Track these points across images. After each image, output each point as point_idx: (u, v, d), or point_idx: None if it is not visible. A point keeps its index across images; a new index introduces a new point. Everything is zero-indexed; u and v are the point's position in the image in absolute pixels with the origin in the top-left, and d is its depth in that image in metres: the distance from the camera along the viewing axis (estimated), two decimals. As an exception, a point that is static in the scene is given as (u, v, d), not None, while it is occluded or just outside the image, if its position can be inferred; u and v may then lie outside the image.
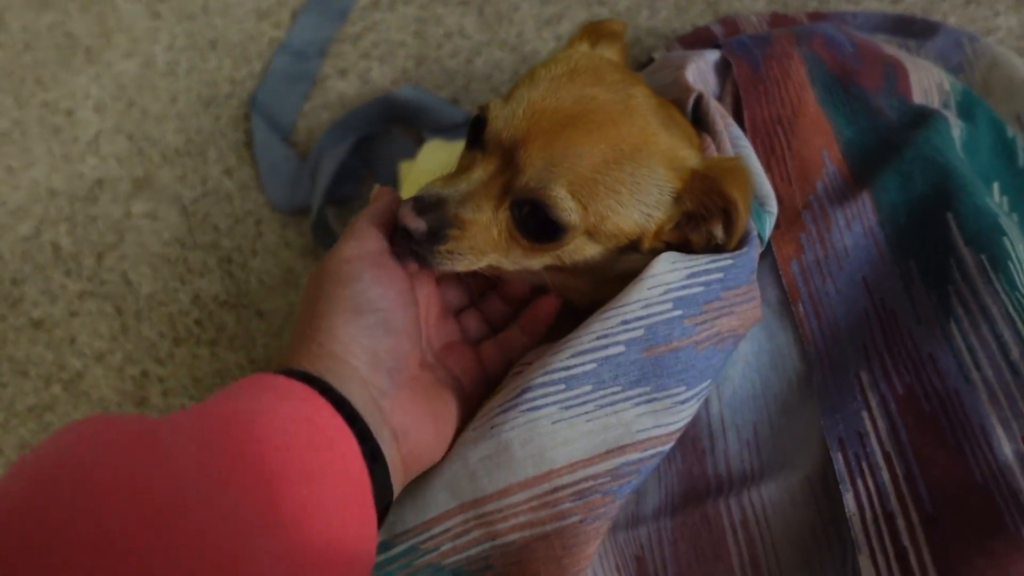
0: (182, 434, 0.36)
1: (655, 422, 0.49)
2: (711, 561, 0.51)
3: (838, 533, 0.49)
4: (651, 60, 0.92)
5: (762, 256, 0.59)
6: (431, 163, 0.85)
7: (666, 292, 0.49)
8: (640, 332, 0.48)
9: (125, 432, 0.35)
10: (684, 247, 0.53)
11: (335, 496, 0.38)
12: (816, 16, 0.90)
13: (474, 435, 0.49)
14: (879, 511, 0.47)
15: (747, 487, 0.52)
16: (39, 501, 0.31)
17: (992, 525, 0.43)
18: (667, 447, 0.51)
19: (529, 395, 0.48)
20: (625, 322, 0.49)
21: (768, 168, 0.61)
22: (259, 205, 0.98)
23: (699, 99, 0.60)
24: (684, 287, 0.49)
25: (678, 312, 0.49)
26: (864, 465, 0.48)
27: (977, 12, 1.00)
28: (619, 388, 0.48)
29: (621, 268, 0.52)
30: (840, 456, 0.49)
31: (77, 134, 1.06)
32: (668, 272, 0.49)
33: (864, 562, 0.45)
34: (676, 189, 0.50)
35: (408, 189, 0.86)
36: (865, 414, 0.50)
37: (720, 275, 0.50)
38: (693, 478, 0.54)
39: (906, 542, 0.45)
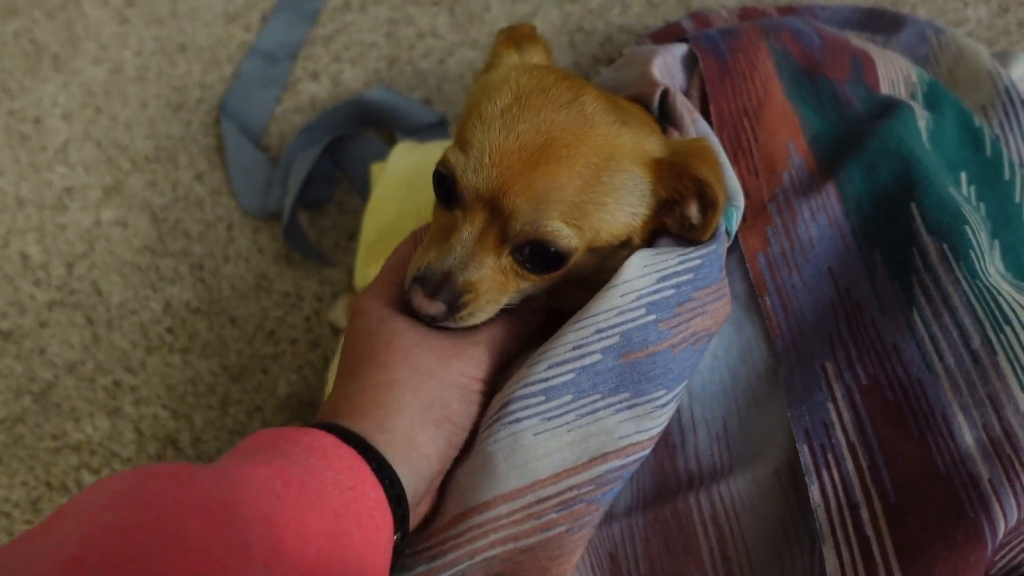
0: (245, 507, 0.34)
1: (636, 428, 0.49)
2: (682, 556, 0.51)
3: (806, 524, 0.49)
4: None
5: (729, 250, 0.59)
6: (403, 164, 0.85)
7: (638, 298, 0.49)
8: (615, 339, 0.48)
9: (197, 507, 0.32)
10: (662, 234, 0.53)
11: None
12: (786, 10, 0.91)
13: (464, 454, 0.49)
14: (844, 502, 0.46)
15: (716, 481, 0.52)
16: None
17: (953, 513, 0.43)
18: (647, 451, 0.50)
19: (510, 408, 0.48)
20: (600, 331, 0.48)
21: (735, 161, 0.61)
22: (231, 210, 0.97)
23: (665, 94, 0.60)
24: (655, 291, 0.49)
25: (652, 317, 0.49)
26: (829, 456, 0.48)
27: (947, 3, 1.00)
28: (599, 396, 0.48)
29: (613, 267, 0.52)
30: (806, 448, 0.49)
31: (45, 142, 1.04)
32: (639, 277, 0.49)
33: (828, 552, 0.45)
34: (651, 181, 0.50)
35: (380, 191, 0.85)
36: (831, 405, 0.50)
37: (690, 276, 0.50)
38: (664, 474, 0.54)
39: (869, 532, 0.45)
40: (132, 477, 0.33)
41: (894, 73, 0.68)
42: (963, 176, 0.63)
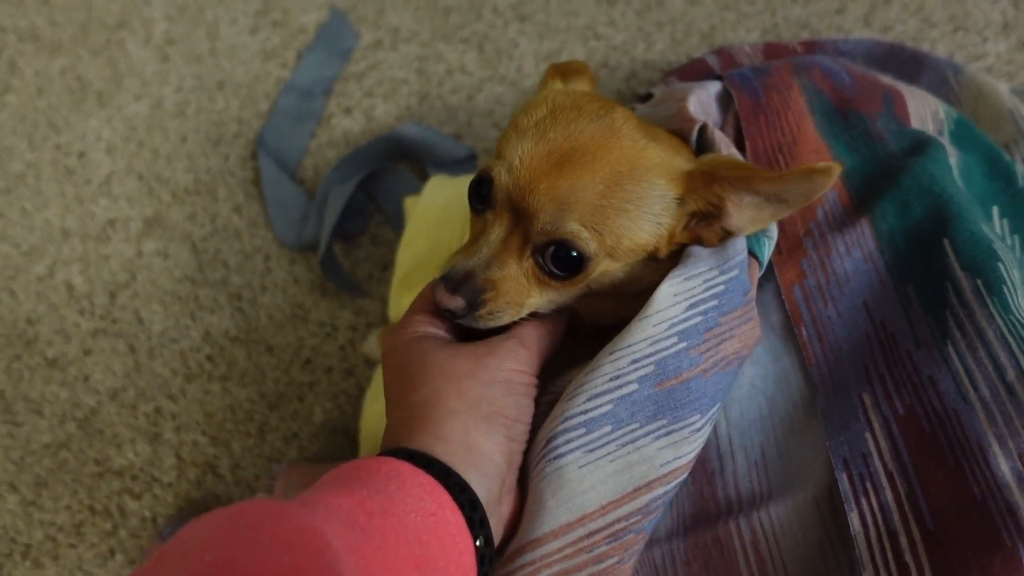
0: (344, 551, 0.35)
1: (675, 453, 0.50)
2: None
3: (846, 551, 0.50)
4: (649, 95, 0.94)
5: (766, 281, 0.61)
6: (436, 198, 0.87)
7: (670, 327, 0.51)
8: (651, 368, 0.50)
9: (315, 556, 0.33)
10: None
11: None
12: (808, 45, 0.93)
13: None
14: (883, 529, 0.48)
15: (756, 508, 0.53)
16: None
17: (990, 541, 0.44)
18: (685, 475, 0.52)
19: (553, 443, 0.49)
20: (635, 360, 0.50)
21: None
22: (267, 242, 1.00)
23: (703, 129, 0.62)
24: (685, 319, 0.51)
25: (683, 344, 0.51)
26: (868, 485, 0.49)
27: (966, 39, 1.03)
28: (637, 424, 0.50)
29: (645, 282, 0.54)
30: (845, 476, 0.50)
31: (89, 176, 1.08)
32: (670, 307, 0.51)
33: None
34: (678, 193, 0.52)
35: (413, 224, 0.88)
36: (868, 435, 0.51)
37: (715, 302, 0.52)
38: (704, 500, 0.55)
39: (908, 559, 0.46)
40: (226, 515, 0.34)
41: (923, 109, 0.70)
42: (995, 210, 0.64)
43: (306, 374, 0.92)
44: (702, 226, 0.53)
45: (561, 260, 0.50)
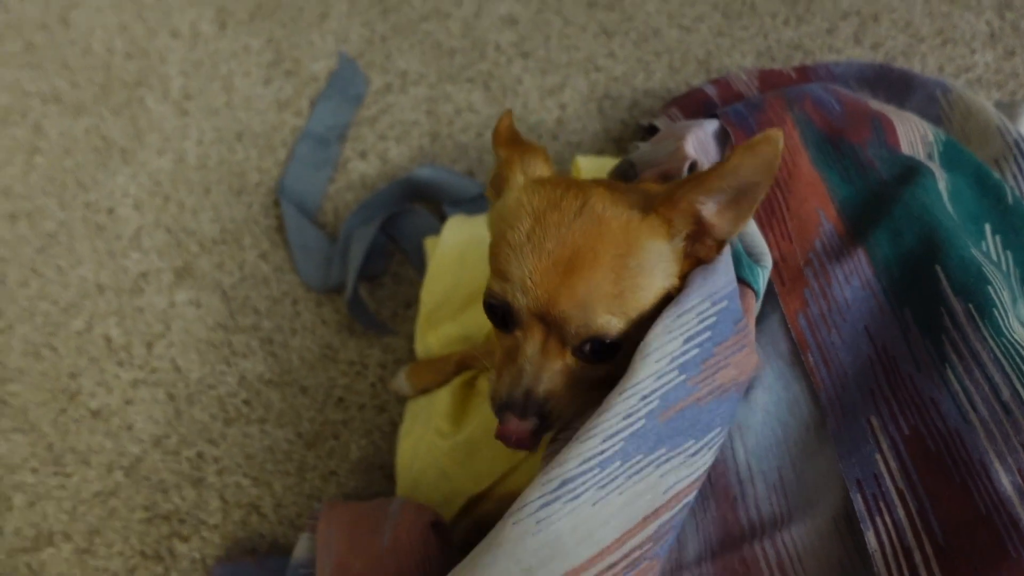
0: None
1: (676, 478, 0.53)
2: None
3: (865, 567, 0.53)
4: (652, 127, 0.98)
5: (772, 311, 0.64)
6: (455, 238, 0.92)
7: (671, 361, 0.53)
8: (656, 403, 0.53)
9: None
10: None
11: None
12: (802, 70, 0.97)
13: (519, 530, 0.51)
14: (898, 546, 0.50)
15: (779, 529, 0.56)
16: None
17: (998, 553, 0.47)
18: (691, 496, 0.54)
19: (570, 486, 0.51)
20: (644, 397, 0.52)
21: (770, 227, 0.67)
22: (294, 286, 1.04)
23: (692, 166, 0.65)
24: (684, 352, 0.54)
25: (683, 376, 0.53)
26: (881, 504, 0.52)
27: (955, 51, 1.06)
28: (641, 456, 0.52)
29: None
30: (859, 496, 0.53)
31: (119, 231, 1.13)
32: (668, 343, 0.53)
33: None
34: (668, 240, 0.55)
35: (435, 264, 0.92)
36: (878, 456, 0.54)
37: (709, 333, 0.55)
38: (728, 524, 0.59)
39: (923, 573, 0.49)
40: None
41: (912, 134, 0.73)
42: (987, 227, 0.68)
43: (340, 412, 0.96)
44: (696, 247, 0.57)
45: (599, 350, 0.54)
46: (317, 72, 1.21)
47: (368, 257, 0.99)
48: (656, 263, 0.55)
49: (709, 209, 0.55)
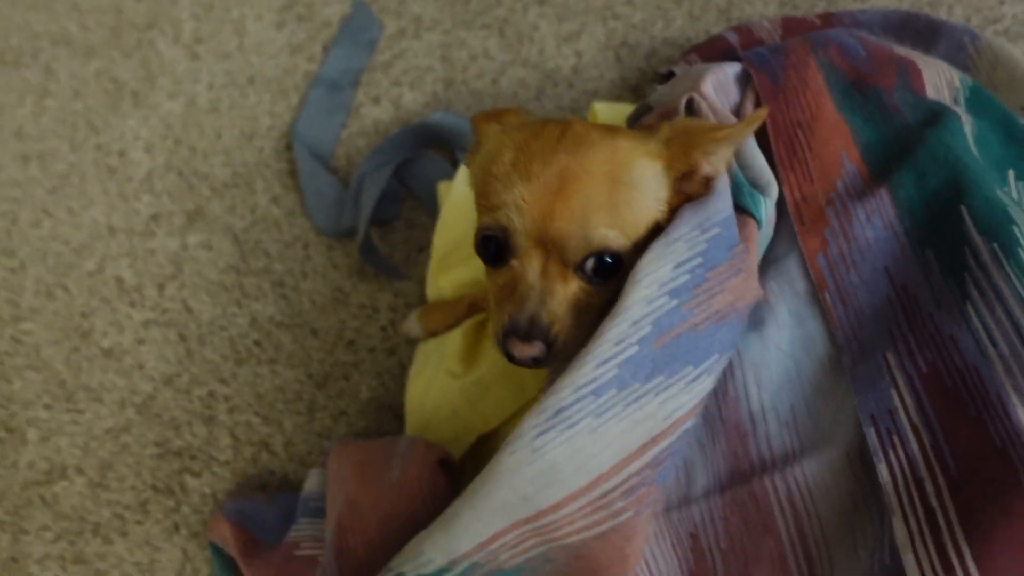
0: None
1: (675, 405, 0.53)
2: (761, 533, 0.56)
3: (876, 499, 0.53)
4: (671, 73, 0.97)
5: (790, 249, 0.64)
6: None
7: (661, 287, 0.53)
8: (648, 328, 0.52)
9: None
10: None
11: None
12: (826, 17, 0.95)
13: (515, 459, 0.52)
14: (910, 478, 0.51)
15: (790, 464, 0.56)
16: None
17: (1010, 483, 0.47)
18: (690, 423, 0.54)
19: (565, 413, 0.51)
20: (635, 323, 0.52)
21: (791, 168, 0.66)
22: (306, 230, 1.04)
23: (690, 101, 0.65)
24: (674, 278, 0.54)
25: (675, 302, 0.53)
26: (895, 438, 0.52)
27: (982, 2, 1.04)
28: (639, 384, 0.52)
29: None
30: (873, 431, 0.53)
31: (131, 173, 1.13)
32: (657, 269, 0.53)
33: (897, 523, 0.49)
34: (663, 166, 0.56)
35: (448, 208, 0.92)
36: (894, 392, 0.54)
37: (700, 259, 0.54)
38: (738, 459, 0.59)
39: (934, 503, 0.49)
40: None
41: (938, 78, 0.72)
42: (1011, 173, 0.66)
43: (350, 354, 0.96)
44: (684, 184, 0.57)
45: (601, 268, 0.54)
46: (330, 17, 1.19)
47: (380, 202, 0.98)
48: (649, 184, 0.55)
49: (710, 160, 0.56)
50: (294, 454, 0.92)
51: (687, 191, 0.58)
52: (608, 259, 0.54)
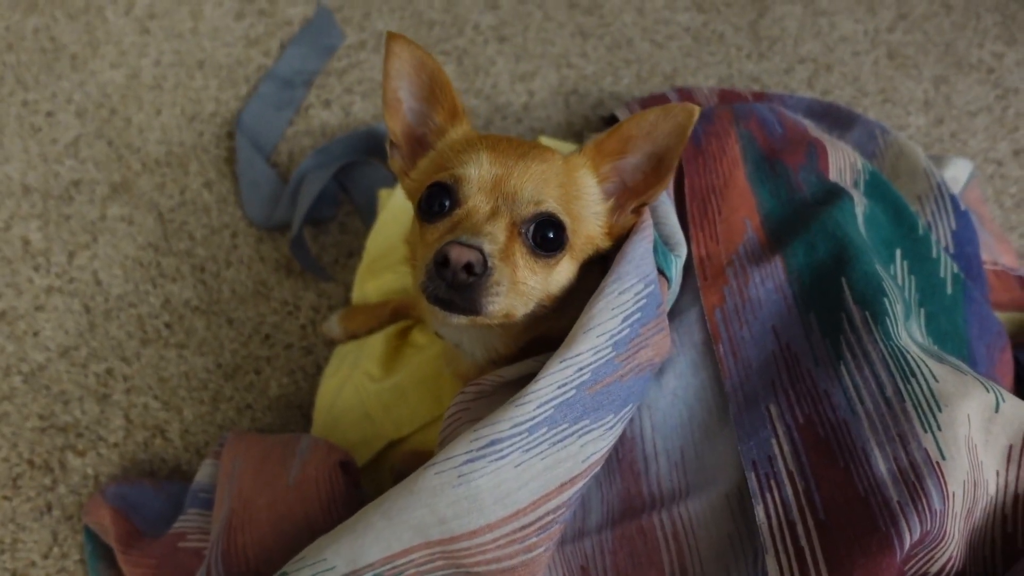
0: None
1: (594, 449, 0.56)
2: (646, 567, 0.58)
3: (751, 540, 0.57)
4: (612, 117, 1.03)
5: (691, 304, 0.69)
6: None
7: (609, 338, 0.56)
8: (588, 376, 0.55)
9: None
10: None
11: None
12: (759, 96, 1.03)
13: (440, 480, 0.52)
14: (783, 519, 0.55)
15: (676, 502, 0.60)
16: None
17: (870, 528, 0.52)
18: (598, 468, 0.57)
19: (498, 446, 0.53)
20: (580, 369, 0.55)
21: (701, 228, 0.72)
22: (236, 219, 1.03)
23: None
24: (620, 331, 0.57)
25: (614, 353, 0.56)
26: (772, 483, 0.57)
27: (893, 110, 1.16)
28: (567, 425, 0.54)
29: (585, 289, 0.59)
30: (753, 476, 0.57)
31: (56, 135, 1.08)
32: (609, 320, 0.56)
33: (770, 561, 0.53)
34: (596, 174, 0.61)
35: (387, 212, 0.93)
36: (774, 440, 0.59)
37: (639, 314, 0.58)
38: (631, 496, 0.62)
39: (804, 543, 0.53)
40: None
41: (842, 161, 0.80)
42: (898, 252, 0.74)
43: (265, 348, 0.94)
44: (619, 213, 0.62)
45: (543, 238, 0.56)
46: (292, 16, 1.20)
47: (318, 201, 0.98)
48: (590, 196, 0.61)
49: (629, 163, 0.61)
50: (190, 443, 0.89)
51: (622, 222, 0.62)
52: (551, 234, 0.56)
